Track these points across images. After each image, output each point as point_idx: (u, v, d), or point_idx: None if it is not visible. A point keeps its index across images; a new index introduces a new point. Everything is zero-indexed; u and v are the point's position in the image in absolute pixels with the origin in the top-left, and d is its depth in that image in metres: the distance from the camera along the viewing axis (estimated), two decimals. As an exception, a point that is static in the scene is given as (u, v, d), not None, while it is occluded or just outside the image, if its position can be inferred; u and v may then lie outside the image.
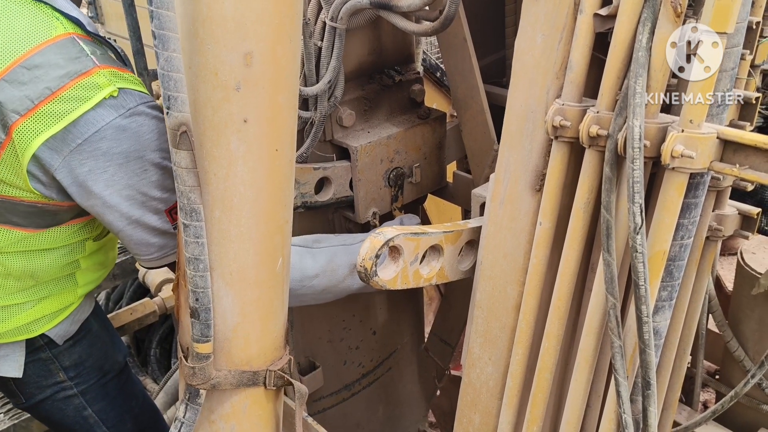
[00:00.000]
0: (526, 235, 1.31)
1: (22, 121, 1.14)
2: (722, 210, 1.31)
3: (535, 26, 1.19)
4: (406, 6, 1.47)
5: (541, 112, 1.22)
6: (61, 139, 1.15)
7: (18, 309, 1.41)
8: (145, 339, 3.07)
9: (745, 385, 1.45)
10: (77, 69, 1.15)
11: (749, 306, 1.99)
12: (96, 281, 1.55)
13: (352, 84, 1.74)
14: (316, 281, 1.60)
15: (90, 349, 1.57)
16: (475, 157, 1.88)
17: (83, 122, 1.15)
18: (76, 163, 1.17)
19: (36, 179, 1.21)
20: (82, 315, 1.54)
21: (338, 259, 1.63)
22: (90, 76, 1.15)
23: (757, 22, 1.45)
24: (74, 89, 1.14)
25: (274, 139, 1.07)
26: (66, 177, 1.19)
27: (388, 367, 2.34)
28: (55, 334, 1.48)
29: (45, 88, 1.14)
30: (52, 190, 1.23)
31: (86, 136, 1.15)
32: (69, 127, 1.14)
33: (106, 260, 1.55)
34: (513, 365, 1.39)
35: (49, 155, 1.16)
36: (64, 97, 1.14)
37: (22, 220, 1.28)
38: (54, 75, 1.14)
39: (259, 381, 1.22)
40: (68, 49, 1.17)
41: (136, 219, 1.25)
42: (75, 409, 1.58)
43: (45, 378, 1.52)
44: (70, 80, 1.14)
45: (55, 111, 1.14)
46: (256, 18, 0.97)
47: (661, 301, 1.16)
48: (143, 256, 1.32)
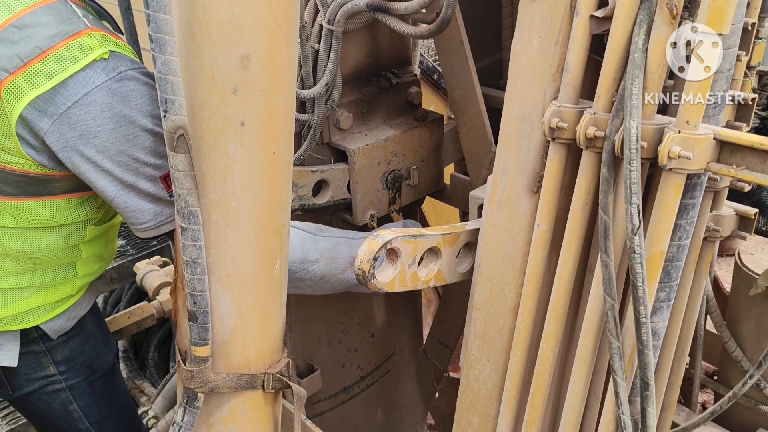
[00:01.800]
0: (524, 237, 1.31)
1: (11, 80, 1.14)
2: (719, 211, 1.31)
3: (531, 28, 1.20)
4: (402, 9, 1.47)
5: (538, 114, 1.22)
6: (50, 100, 1.14)
7: (16, 295, 1.40)
8: (143, 342, 3.07)
9: (744, 386, 1.45)
10: (68, 30, 1.15)
11: (747, 306, 1.99)
12: (95, 273, 1.54)
13: (349, 87, 1.74)
14: (316, 266, 1.60)
15: (82, 347, 1.58)
16: (472, 159, 1.89)
17: (72, 83, 1.14)
18: (66, 128, 1.16)
19: (26, 143, 1.20)
20: (79, 312, 1.54)
21: (340, 249, 1.63)
22: (81, 37, 1.15)
23: (752, 24, 1.45)
24: (64, 49, 1.14)
25: (272, 142, 1.07)
26: (56, 142, 1.18)
27: (387, 370, 2.34)
28: (50, 328, 1.48)
29: (35, 47, 1.14)
30: (44, 155, 1.22)
31: (76, 98, 1.14)
32: (58, 88, 1.14)
33: (105, 252, 1.55)
34: (511, 367, 1.39)
35: (38, 117, 1.16)
36: (53, 57, 1.13)
37: (14, 189, 1.27)
38: (44, 34, 1.14)
39: (257, 384, 1.21)
40: (60, 10, 1.18)
41: (130, 185, 1.23)
42: (61, 403, 1.58)
43: (36, 370, 1.52)
44: (60, 40, 1.14)
45: (44, 70, 1.13)
46: (253, 21, 0.97)
47: (659, 302, 1.16)
48: (138, 225, 1.30)
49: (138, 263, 2.70)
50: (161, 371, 2.95)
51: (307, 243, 1.59)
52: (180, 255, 1.10)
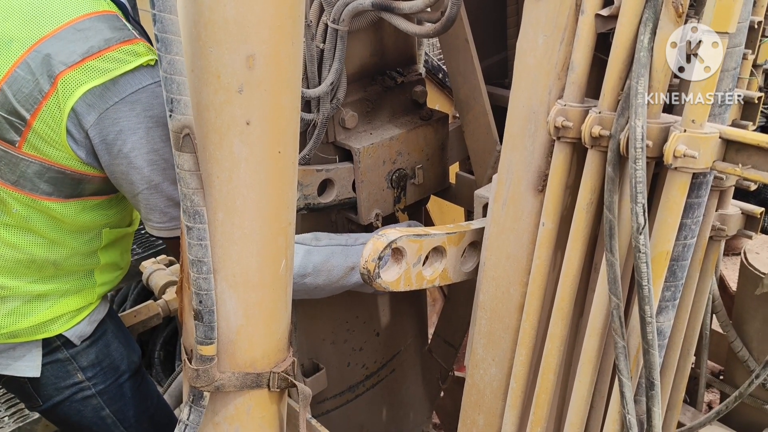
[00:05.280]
0: (529, 236, 1.31)
1: (69, 72, 1.24)
2: (725, 210, 1.31)
3: (536, 27, 1.19)
4: (407, 8, 1.47)
5: (543, 113, 1.22)
6: (100, 95, 1.24)
7: (40, 303, 1.44)
8: (149, 342, 3.07)
9: (750, 386, 1.44)
10: (121, 36, 1.28)
11: (753, 306, 1.99)
12: (112, 282, 1.58)
13: (354, 86, 1.74)
14: (309, 279, 1.62)
15: (107, 350, 1.59)
16: (477, 158, 1.88)
17: (123, 81, 1.25)
18: (109, 122, 1.26)
19: (71, 137, 1.28)
20: (98, 316, 1.57)
21: (335, 259, 1.64)
22: (132, 44, 1.28)
23: (758, 22, 1.45)
24: (117, 52, 1.26)
25: (277, 141, 1.08)
26: (97, 134, 1.27)
27: (392, 369, 2.34)
28: (72, 334, 1.50)
29: (91, 46, 1.25)
30: (83, 149, 1.30)
31: (124, 95, 1.25)
32: (109, 84, 1.24)
33: (122, 261, 1.60)
34: (516, 366, 1.39)
35: (86, 110, 1.25)
36: (107, 57, 1.25)
37: (49, 187, 1.34)
38: (100, 38, 1.26)
39: (262, 383, 1.22)
40: (113, 21, 1.30)
41: (156, 184, 1.31)
42: (93, 409, 1.59)
43: (63, 379, 1.53)
44: (115, 44, 1.26)
45: (99, 67, 1.24)
46: (258, 21, 0.97)
47: (665, 302, 1.15)
48: (155, 223, 1.37)
49: (144, 262, 2.71)
50: (167, 370, 2.96)
51: (301, 258, 1.61)
52: (186, 254, 1.11)
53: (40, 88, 1.25)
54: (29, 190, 1.33)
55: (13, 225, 1.37)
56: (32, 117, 1.26)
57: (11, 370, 1.49)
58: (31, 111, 1.26)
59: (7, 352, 1.47)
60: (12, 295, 1.41)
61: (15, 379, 1.50)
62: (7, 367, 1.48)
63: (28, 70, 1.25)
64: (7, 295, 1.41)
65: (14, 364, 1.48)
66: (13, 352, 1.47)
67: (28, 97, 1.26)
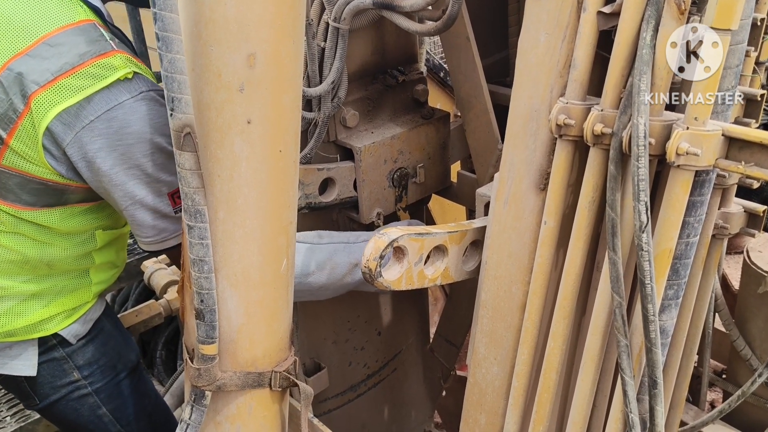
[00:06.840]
0: (531, 235, 1.31)
1: (41, 92, 1.20)
2: (728, 208, 1.31)
3: (538, 25, 1.19)
4: (408, 6, 1.47)
5: (545, 111, 1.21)
6: (75, 114, 1.21)
7: (35, 302, 1.43)
8: (151, 341, 3.08)
9: (752, 384, 1.44)
10: (96, 50, 1.22)
11: (756, 304, 1.98)
12: (108, 281, 1.57)
13: (355, 84, 1.74)
14: (313, 278, 1.61)
15: (103, 348, 1.59)
16: (479, 157, 1.88)
17: (98, 99, 1.21)
18: (87, 140, 1.22)
19: (50, 153, 1.26)
20: (94, 314, 1.56)
21: (338, 257, 1.64)
22: (107, 58, 1.23)
23: (761, 19, 1.45)
24: (92, 67, 1.21)
25: (278, 140, 1.07)
26: (76, 152, 1.24)
27: (394, 368, 2.34)
28: (68, 333, 1.50)
29: (65, 63, 1.20)
30: (62, 165, 1.28)
31: (99, 113, 1.21)
32: (83, 102, 1.21)
33: (117, 260, 1.59)
34: (519, 365, 1.38)
35: (62, 130, 1.22)
36: (81, 74, 1.20)
37: (32, 198, 1.32)
38: (75, 53, 1.21)
39: (264, 382, 1.22)
40: (89, 32, 1.25)
41: (140, 199, 1.29)
42: (89, 408, 1.59)
43: (59, 378, 1.53)
44: (89, 59, 1.21)
45: (72, 85, 1.20)
46: (259, 19, 0.97)
47: (668, 300, 1.15)
48: (144, 238, 1.37)
49: (145, 262, 2.71)
50: (169, 369, 2.96)
51: (304, 256, 1.60)
52: (187, 253, 1.10)
53: (14, 107, 1.22)
54: (11, 201, 1.32)
55: (2, 230, 1.37)
56: (8, 136, 1.25)
57: (8, 369, 1.49)
58: (7, 130, 1.25)
59: (3, 351, 1.47)
60: (6, 294, 1.41)
61: (12, 378, 1.51)
62: (3, 366, 1.49)
63: (2, 90, 1.23)
64: (1, 294, 1.41)
65: (10, 362, 1.48)
66: (9, 351, 1.48)
67: (3, 116, 1.24)
